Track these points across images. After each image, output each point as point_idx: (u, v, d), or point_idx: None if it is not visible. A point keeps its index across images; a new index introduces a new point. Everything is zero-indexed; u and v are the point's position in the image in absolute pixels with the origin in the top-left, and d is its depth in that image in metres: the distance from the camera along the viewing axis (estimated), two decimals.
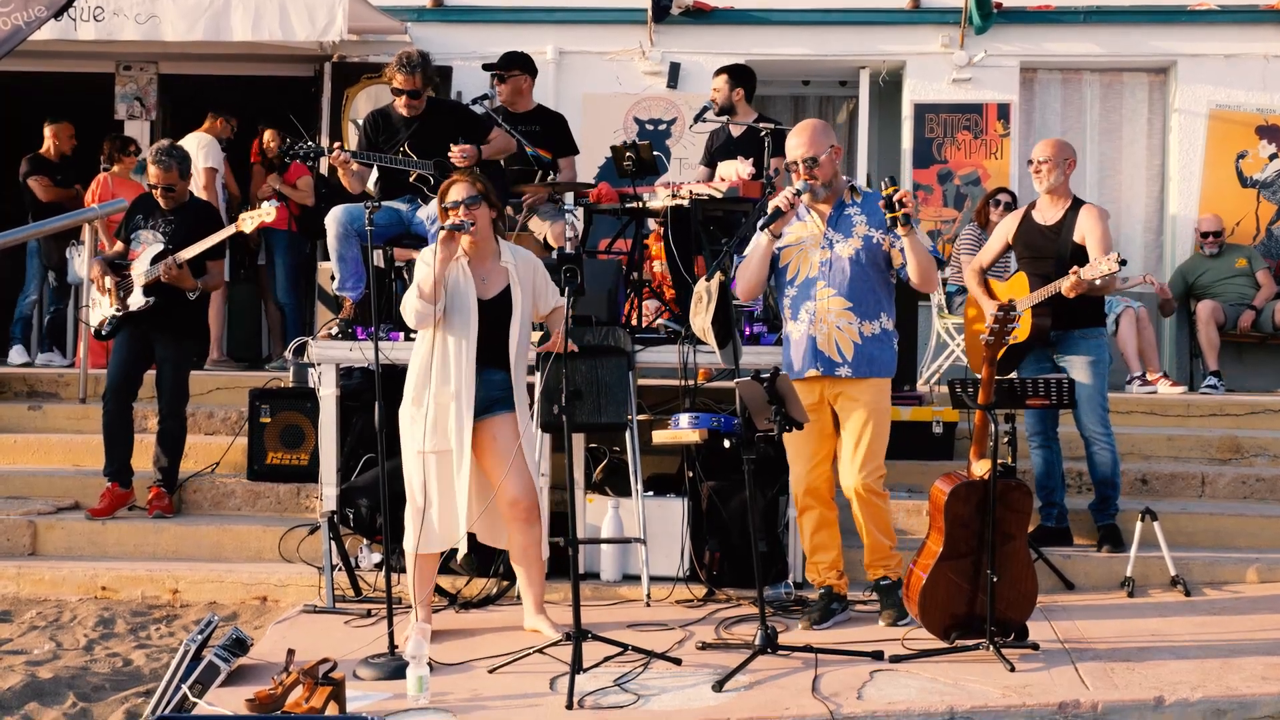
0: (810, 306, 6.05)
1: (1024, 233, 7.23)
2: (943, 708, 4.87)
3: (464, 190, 5.74)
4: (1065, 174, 7.12)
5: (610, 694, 5.00)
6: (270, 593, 6.95)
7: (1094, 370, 7.00)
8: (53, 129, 10.96)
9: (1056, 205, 7.14)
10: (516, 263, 5.87)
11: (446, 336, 5.70)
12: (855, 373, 6.01)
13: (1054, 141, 7.24)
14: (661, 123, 11.22)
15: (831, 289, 6.02)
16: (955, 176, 11.16)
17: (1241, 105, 11.09)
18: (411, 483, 5.76)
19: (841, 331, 6.00)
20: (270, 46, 10.69)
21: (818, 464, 6.13)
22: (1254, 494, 7.98)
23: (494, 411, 5.81)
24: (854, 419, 6.03)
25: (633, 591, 6.68)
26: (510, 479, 5.78)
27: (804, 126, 6.16)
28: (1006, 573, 5.52)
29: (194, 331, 7.98)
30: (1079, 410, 7.02)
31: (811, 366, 6.05)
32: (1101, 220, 7.01)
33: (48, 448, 8.54)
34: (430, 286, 5.59)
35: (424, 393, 5.70)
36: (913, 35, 11.26)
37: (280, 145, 10.20)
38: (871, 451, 6.03)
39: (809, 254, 6.09)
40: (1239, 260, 10.53)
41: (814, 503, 6.14)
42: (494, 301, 5.79)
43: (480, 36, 11.03)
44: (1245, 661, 5.50)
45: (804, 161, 6.03)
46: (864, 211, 6.10)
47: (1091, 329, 7.04)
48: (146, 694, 5.32)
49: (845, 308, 6.00)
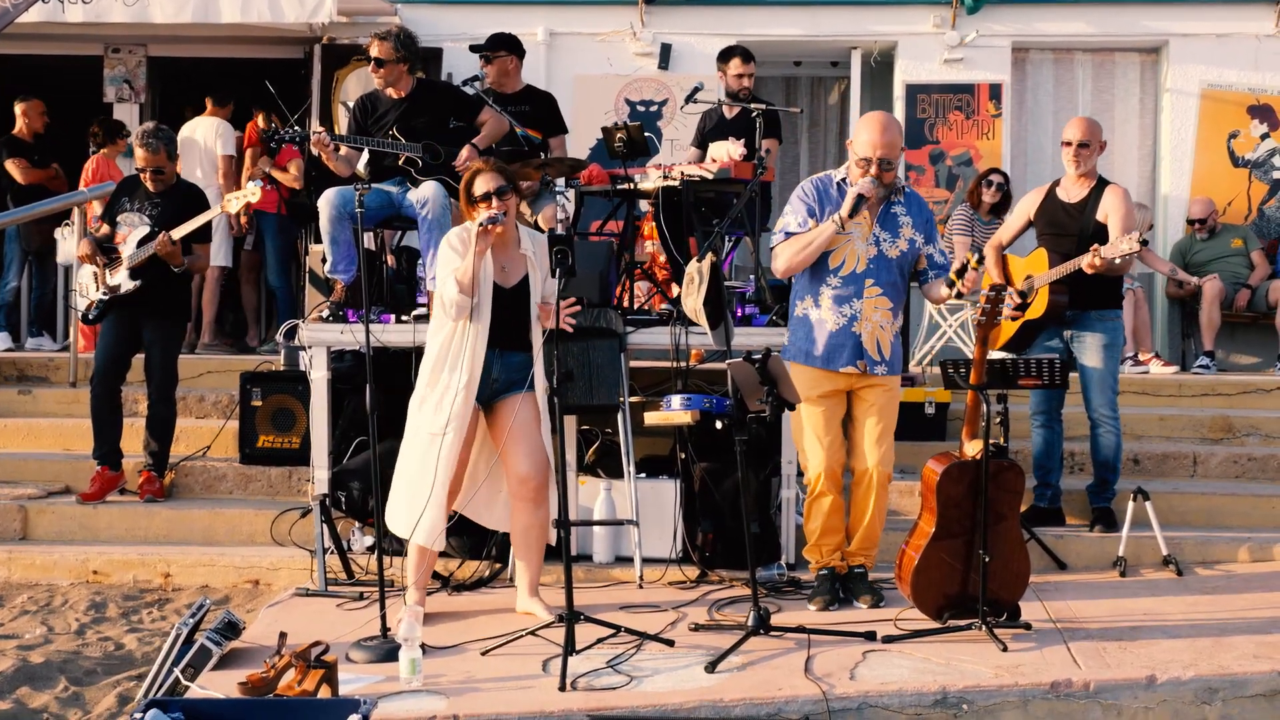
0: (856, 304, 6.00)
1: (1047, 210, 7.19)
2: (935, 687, 4.87)
3: (493, 180, 5.70)
4: (1098, 154, 7.10)
5: (603, 675, 5.00)
6: (262, 576, 6.95)
7: (1107, 353, 6.98)
8: (22, 107, 10.83)
9: (1082, 183, 7.09)
10: (535, 249, 5.86)
11: (470, 324, 5.68)
12: (890, 370, 6.08)
13: (1084, 121, 7.16)
14: (653, 104, 11.19)
15: (879, 288, 6.01)
16: (947, 157, 11.14)
17: (1233, 85, 11.07)
18: (403, 463, 5.75)
19: (884, 331, 6.02)
20: (259, 29, 10.65)
21: (833, 449, 6.11)
22: (1246, 473, 8.00)
23: (514, 391, 5.81)
24: (876, 405, 6.06)
25: (625, 573, 6.68)
26: (521, 456, 5.78)
27: (886, 124, 6.01)
28: (999, 553, 5.52)
29: (182, 314, 7.96)
30: (1088, 391, 7.01)
31: (852, 363, 6.02)
32: (1125, 200, 6.96)
33: (38, 432, 8.53)
34: (470, 280, 5.56)
35: (438, 376, 5.69)
36: (904, 15, 11.22)
37: (266, 129, 10.19)
38: (889, 441, 6.09)
39: (856, 248, 6.03)
40: (1234, 240, 10.52)
41: (830, 489, 6.10)
42: (515, 289, 5.79)
43: (470, 18, 10.96)
44: (1237, 640, 5.51)
45: (879, 162, 5.94)
46: (909, 212, 6.08)
47: (1108, 310, 7.02)
48: (138, 677, 5.32)
49: (888, 308, 6.03)
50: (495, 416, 5.86)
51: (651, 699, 4.76)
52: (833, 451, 6.11)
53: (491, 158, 6.43)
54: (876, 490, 6.09)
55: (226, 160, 10.62)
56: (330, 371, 7.00)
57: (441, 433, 5.63)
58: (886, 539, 6.41)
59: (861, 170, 5.96)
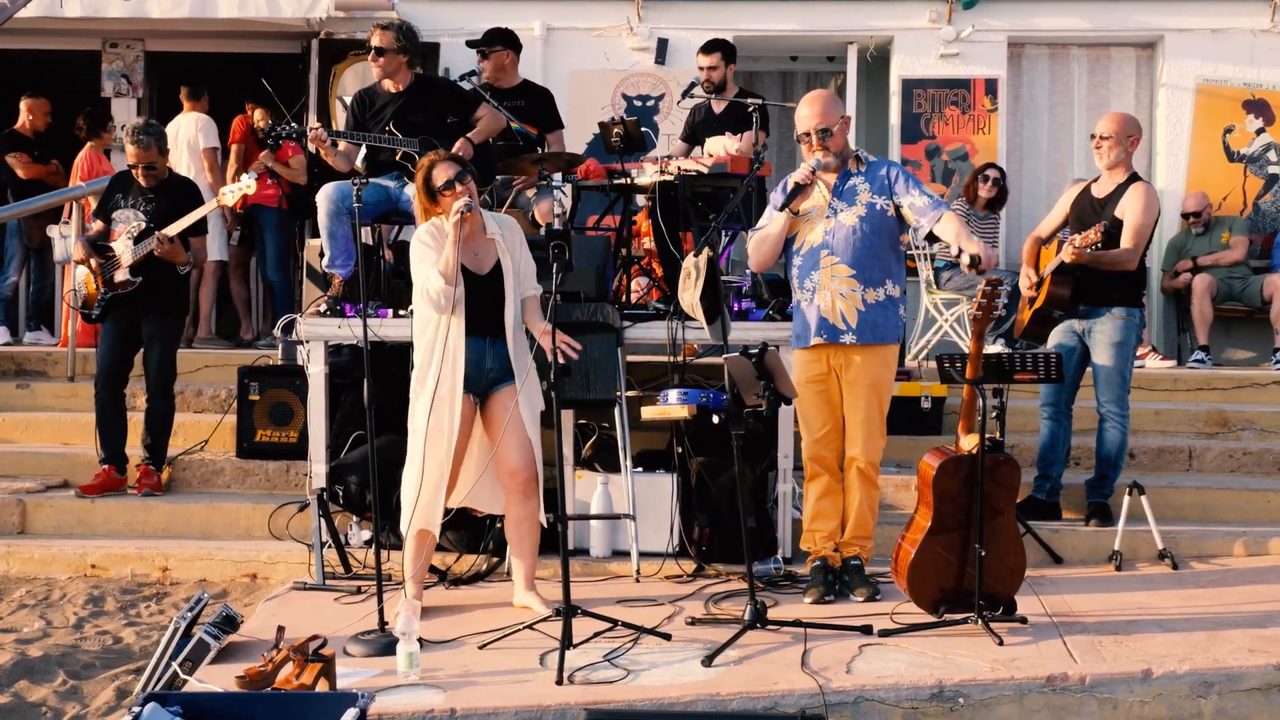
0: (815, 276, 6.05)
1: (1078, 204, 7.22)
2: (931, 681, 4.88)
3: (450, 168, 5.72)
4: (1128, 150, 7.07)
5: (600, 669, 5.01)
6: (260, 570, 6.96)
7: (1116, 351, 6.98)
8: (28, 104, 10.86)
9: (1114, 179, 7.11)
10: (503, 232, 5.87)
11: (447, 316, 5.68)
12: (860, 339, 6.02)
13: (1117, 116, 7.21)
14: (649, 99, 11.19)
15: (835, 256, 6.01)
16: (943, 152, 11.15)
17: (1229, 80, 11.09)
18: (409, 462, 5.76)
19: (845, 299, 6.00)
20: (257, 23, 10.66)
21: (826, 434, 6.14)
22: (1241, 468, 8.01)
23: (506, 383, 5.82)
24: (856, 393, 6.06)
25: (622, 567, 6.69)
26: (511, 448, 5.79)
27: (815, 97, 6.12)
28: (995, 547, 5.54)
29: (180, 309, 7.97)
30: (1097, 386, 7.04)
31: (817, 335, 6.06)
32: (1145, 197, 6.96)
33: (36, 426, 8.54)
34: (452, 270, 5.58)
35: (428, 372, 5.70)
36: (900, 10, 11.23)
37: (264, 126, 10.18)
38: (872, 428, 6.07)
39: (814, 223, 6.08)
40: (1224, 234, 10.54)
41: (820, 470, 6.17)
42: (490, 275, 5.79)
43: (467, 13, 10.96)
44: (1232, 634, 5.52)
45: (817, 133, 6.00)
46: (867, 180, 6.08)
47: (1119, 307, 6.99)
48: (137, 671, 5.32)
49: (849, 275, 5.99)
50: (489, 408, 5.87)
51: (648, 692, 4.77)
52: (823, 436, 6.13)
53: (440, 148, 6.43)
54: (860, 481, 6.11)
55: (209, 154, 10.59)
56: (328, 366, 7.00)
57: (440, 426, 5.65)
58: (883, 533, 6.43)
59: (806, 147, 6.04)
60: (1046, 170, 11.52)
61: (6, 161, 10.65)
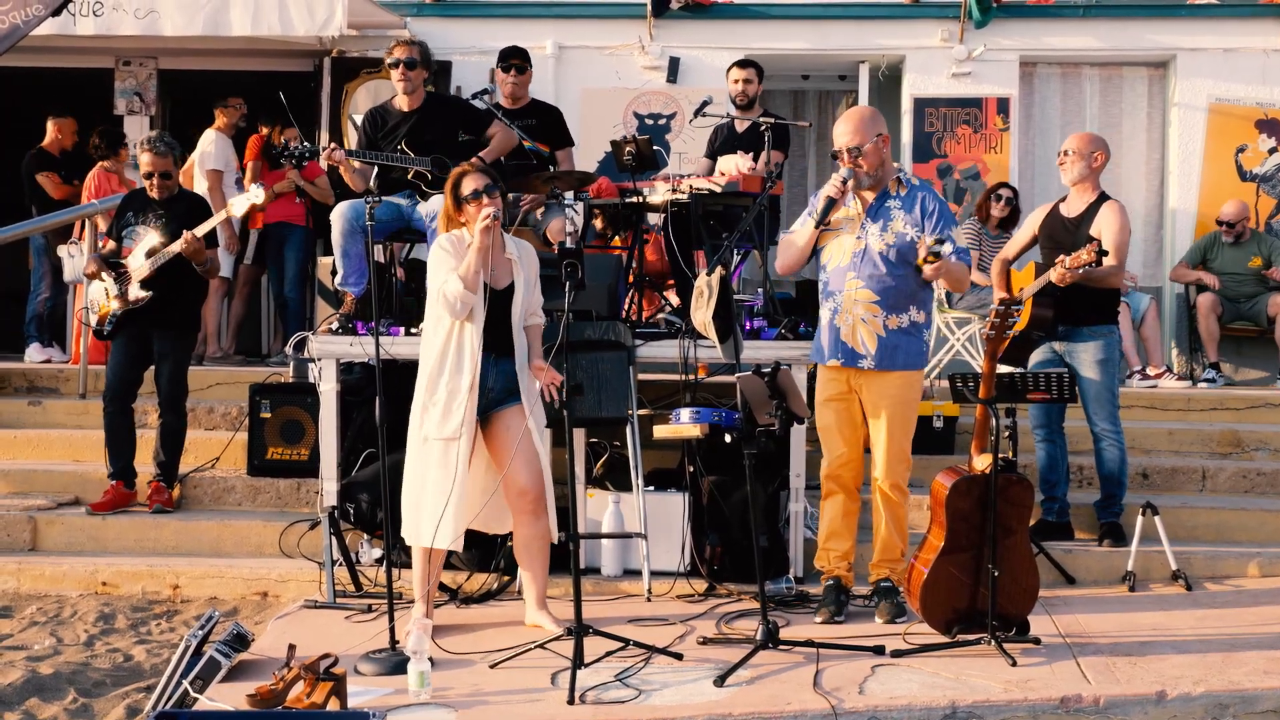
0: (839, 297, 6.04)
1: (1047, 224, 7.25)
2: (944, 702, 4.86)
3: (480, 179, 5.74)
4: (1091, 167, 7.13)
5: (612, 689, 5.00)
6: (271, 588, 6.95)
7: (1102, 368, 6.99)
8: (57, 124, 10.92)
9: (1082, 198, 7.15)
10: (521, 256, 5.88)
11: (464, 326, 5.68)
12: (878, 365, 6.01)
13: (1083, 134, 7.29)
14: (661, 117, 11.21)
15: (860, 281, 5.99)
16: (955, 170, 11.15)
17: (1241, 99, 11.08)
18: (413, 473, 5.75)
19: (866, 324, 5.99)
20: (269, 41, 10.68)
21: (844, 453, 6.12)
22: (1255, 488, 7.98)
23: (511, 402, 5.82)
24: (878, 415, 6.05)
25: (634, 586, 6.68)
26: (520, 468, 5.78)
27: (851, 114, 6.11)
28: (1008, 567, 5.52)
29: (193, 325, 7.99)
30: (1087, 406, 7.03)
31: (834, 357, 6.05)
32: (1119, 216, 6.99)
33: (47, 443, 8.54)
34: (474, 275, 5.58)
35: (438, 381, 5.69)
36: (912, 29, 11.25)
37: (277, 146, 10.19)
38: (895, 450, 6.05)
39: (844, 242, 6.06)
40: (1254, 259, 10.38)
41: (836, 489, 6.17)
42: (505, 292, 5.80)
43: (479, 31, 11.02)
44: (1247, 656, 5.50)
45: (849, 150, 5.99)
46: (904, 206, 6.04)
47: (1100, 326, 7.02)
48: (147, 689, 5.32)
49: (871, 301, 5.98)
50: (492, 428, 5.84)
51: (660, 712, 4.76)
52: (841, 455, 6.12)
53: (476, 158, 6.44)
54: (884, 502, 6.11)
55: (213, 175, 10.57)
56: (339, 383, 7.00)
57: (455, 436, 5.62)
58: None
59: (841, 163, 6.03)
60: (1058, 189, 11.31)
61: (37, 180, 10.68)
